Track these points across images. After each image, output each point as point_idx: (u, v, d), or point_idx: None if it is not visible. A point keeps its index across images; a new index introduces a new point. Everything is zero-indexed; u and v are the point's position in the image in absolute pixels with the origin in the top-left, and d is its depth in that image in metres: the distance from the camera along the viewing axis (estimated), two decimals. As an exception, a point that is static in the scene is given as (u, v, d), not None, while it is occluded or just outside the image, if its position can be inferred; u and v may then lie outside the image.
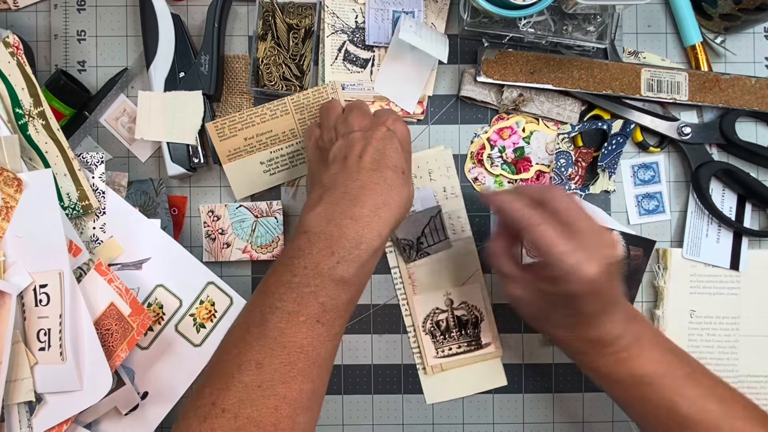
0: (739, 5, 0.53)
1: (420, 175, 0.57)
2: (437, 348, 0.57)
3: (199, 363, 0.52)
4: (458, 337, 0.57)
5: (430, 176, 0.57)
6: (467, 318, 0.57)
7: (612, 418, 0.59)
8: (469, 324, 0.57)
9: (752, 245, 0.58)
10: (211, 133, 0.56)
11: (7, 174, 0.49)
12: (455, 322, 0.57)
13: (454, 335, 0.57)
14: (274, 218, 0.57)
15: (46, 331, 0.48)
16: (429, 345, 0.57)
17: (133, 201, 0.57)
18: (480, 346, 0.57)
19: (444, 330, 0.57)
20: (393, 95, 0.57)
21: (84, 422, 0.50)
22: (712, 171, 0.56)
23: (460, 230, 0.57)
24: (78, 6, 0.58)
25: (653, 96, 0.56)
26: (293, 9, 0.57)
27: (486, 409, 0.59)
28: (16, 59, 0.51)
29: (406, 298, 0.57)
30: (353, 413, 0.59)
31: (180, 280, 0.53)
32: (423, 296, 0.57)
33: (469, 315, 0.57)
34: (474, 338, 0.57)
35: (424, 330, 0.57)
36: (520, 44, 0.57)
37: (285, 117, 0.56)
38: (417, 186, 0.57)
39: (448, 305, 0.57)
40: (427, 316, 0.57)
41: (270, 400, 0.38)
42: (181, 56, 0.55)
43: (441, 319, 0.57)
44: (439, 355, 0.57)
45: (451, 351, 0.57)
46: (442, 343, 0.57)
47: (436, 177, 0.57)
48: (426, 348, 0.57)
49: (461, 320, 0.57)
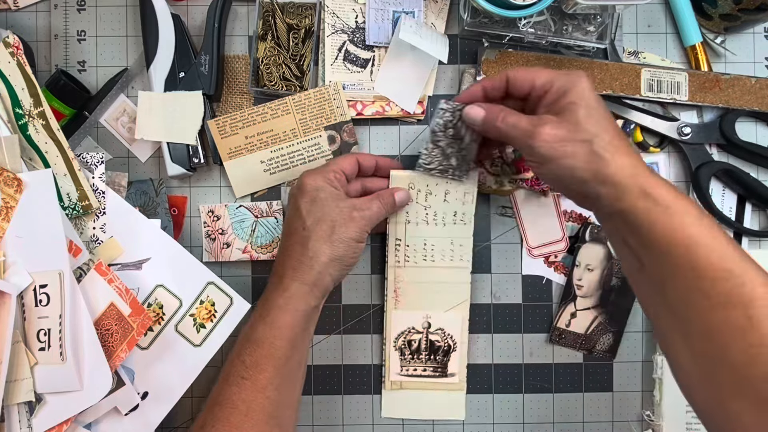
0: (739, 5, 0.53)
1: (435, 192, 0.54)
2: (402, 365, 0.57)
3: (199, 363, 0.52)
4: (426, 360, 0.57)
5: (445, 196, 0.54)
6: (440, 345, 0.57)
7: (612, 418, 0.59)
8: (440, 351, 0.57)
9: (752, 245, 0.58)
10: (213, 130, 0.56)
11: (7, 174, 0.49)
12: (427, 346, 0.57)
13: (422, 358, 0.57)
14: (274, 218, 0.57)
15: (46, 331, 0.48)
16: (395, 360, 0.57)
17: (133, 201, 0.57)
18: (445, 375, 0.57)
19: (414, 350, 0.57)
20: (393, 95, 0.57)
21: (84, 422, 0.50)
22: (712, 171, 0.56)
23: (458, 258, 0.56)
24: (78, 6, 0.58)
25: (653, 96, 0.56)
26: (293, 9, 0.57)
27: (486, 409, 0.59)
28: (16, 59, 0.51)
29: (386, 310, 0.57)
30: (353, 413, 0.59)
31: (180, 280, 0.53)
32: (403, 313, 0.57)
33: (443, 342, 0.57)
34: (441, 365, 0.57)
35: (394, 345, 0.57)
36: (520, 44, 0.57)
37: (286, 116, 0.56)
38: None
39: (424, 327, 0.57)
40: (401, 333, 0.57)
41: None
42: (181, 56, 0.55)
43: (414, 339, 0.57)
44: (402, 373, 0.57)
45: (415, 372, 0.57)
46: (408, 362, 0.57)
47: (450, 199, 0.55)
48: (391, 363, 0.57)
49: (433, 345, 0.57)
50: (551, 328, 0.58)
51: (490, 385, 0.59)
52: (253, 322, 0.49)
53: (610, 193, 0.42)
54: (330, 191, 0.50)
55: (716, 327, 0.39)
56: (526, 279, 0.59)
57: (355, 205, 0.50)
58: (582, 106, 0.43)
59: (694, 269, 0.40)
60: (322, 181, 0.50)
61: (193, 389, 0.57)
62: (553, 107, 0.44)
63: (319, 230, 0.49)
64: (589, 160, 0.42)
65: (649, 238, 0.42)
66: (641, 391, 0.59)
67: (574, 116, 0.43)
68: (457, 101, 0.50)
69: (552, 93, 0.45)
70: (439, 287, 0.56)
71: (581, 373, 0.59)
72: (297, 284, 0.49)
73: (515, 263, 0.59)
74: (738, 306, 0.38)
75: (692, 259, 0.40)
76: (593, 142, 0.42)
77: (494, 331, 0.59)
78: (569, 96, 0.43)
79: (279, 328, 0.48)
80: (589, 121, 0.43)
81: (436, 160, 0.52)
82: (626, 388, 0.59)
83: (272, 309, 0.49)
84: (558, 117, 0.44)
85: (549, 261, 0.59)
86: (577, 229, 0.58)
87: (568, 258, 0.58)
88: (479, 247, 0.58)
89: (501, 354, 0.59)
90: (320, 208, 0.49)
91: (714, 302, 0.39)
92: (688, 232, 0.40)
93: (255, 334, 0.48)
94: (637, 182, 0.41)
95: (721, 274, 0.39)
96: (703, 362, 0.41)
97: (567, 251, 0.58)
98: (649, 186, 0.41)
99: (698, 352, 0.41)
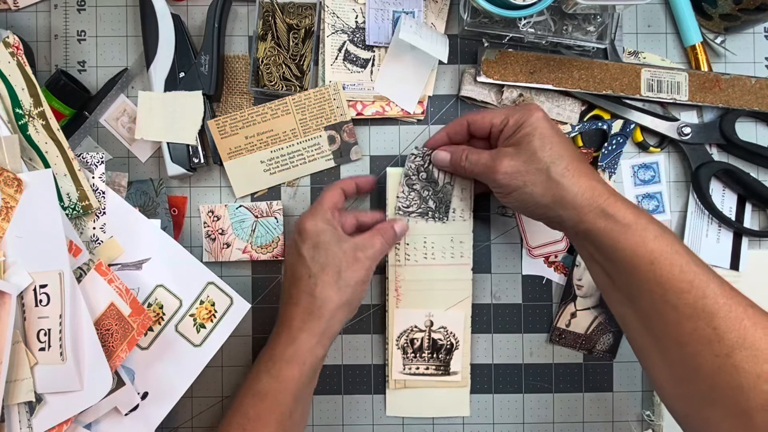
0: (739, 5, 0.53)
1: None
2: (405, 364, 0.57)
3: (199, 363, 0.52)
4: (428, 358, 0.57)
5: None
6: (443, 343, 0.57)
7: (612, 418, 0.59)
8: (443, 349, 0.57)
9: (752, 245, 0.58)
10: (213, 130, 0.56)
11: (7, 174, 0.49)
12: (429, 344, 0.57)
13: (425, 356, 0.57)
14: (274, 218, 0.57)
15: (46, 331, 0.48)
16: (398, 359, 0.57)
17: (133, 201, 0.57)
18: (447, 373, 0.57)
19: (417, 349, 0.57)
20: (393, 95, 0.57)
21: (84, 422, 0.50)
22: (712, 171, 0.56)
23: (459, 255, 0.56)
24: (78, 6, 0.58)
25: (653, 96, 0.56)
26: (293, 9, 0.57)
27: (486, 408, 0.59)
28: (16, 59, 0.51)
29: (388, 309, 0.57)
30: (353, 413, 0.59)
31: (180, 280, 0.53)
32: (405, 311, 0.56)
33: (445, 340, 0.57)
34: (444, 364, 0.57)
35: (397, 344, 0.57)
36: (520, 44, 0.57)
37: (286, 116, 0.56)
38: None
39: (427, 326, 0.57)
40: (403, 332, 0.57)
41: None
42: (181, 56, 0.55)
43: (416, 338, 0.57)
44: (405, 371, 0.57)
45: (418, 370, 0.57)
46: (411, 360, 0.57)
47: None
48: (394, 362, 0.57)
49: (436, 343, 0.57)
50: (551, 328, 0.58)
51: (491, 385, 0.59)
52: (257, 372, 0.48)
53: (572, 216, 0.45)
54: (332, 234, 0.49)
55: (686, 338, 0.41)
56: (526, 279, 0.59)
57: (358, 244, 0.49)
58: (536, 136, 0.46)
59: (659, 283, 0.42)
60: (323, 224, 0.49)
61: (193, 389, 0.57)
62: (510, 140, 0.47)
63: (325, 277, 0.48)
64: (547, 187, 0.45)
65: (614, 256, 0.44)
66: (641, 391, 0.59)
67: (530, 147, 0.46)
68: (426, 147, 0.54)
69: (509, 127, 0.48)
70: (441, 285, 0.56)
71: (581, 373, 0.59)
72: (305, 335, 0.48)
73: (515, 263, 0.59)
74: (702, 317, 0.40)
75: (657, 274, 0.42)
76: (550, 170, 0.45)
77: (494, 331, 0.59)
78: (524, 128, 0.46)
79: (284, 382, 0.47)
80: (544, 149, 0.45)
81: (414, 203, 0.55)
82: (626, 388, 0.59)
83: (278, 361, 0.48)
84: (515, 149, 0.46)
85: (549, 261, 0.59)
86: (577, 229, 0.58)
87: (568, 258, 0.58)
88: (479, 247, 0.58)
89: (501, 354, 0.59)
90: (324, 254, 0.48)
91: (681, 314, 0.41)
92: (650, 248, 0.42)
93: (259, 386, 0.48)
94: (596, 203, 0.44)
95: (685, 287, 0.41)
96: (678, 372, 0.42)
97: (567, 251, 0.58)
98: (608, 206, 0.43)
99: (673, 362, 0.42)
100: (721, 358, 0.39)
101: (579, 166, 0.45)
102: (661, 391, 0.45)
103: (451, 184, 0.54)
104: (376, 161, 0.59)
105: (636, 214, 0.43)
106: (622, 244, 0.43)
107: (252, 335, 0.59)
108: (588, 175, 0.45)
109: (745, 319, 0.40)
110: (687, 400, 0.42)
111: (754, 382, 0.38)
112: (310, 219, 0.50)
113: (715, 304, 0.40)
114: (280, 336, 0.49)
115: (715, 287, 0.41)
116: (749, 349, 0.39)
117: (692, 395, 0.42)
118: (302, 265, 0.49)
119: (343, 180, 0.54)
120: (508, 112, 0.48)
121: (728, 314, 0.40)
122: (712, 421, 0.40)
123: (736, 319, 0.40)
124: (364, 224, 0.54)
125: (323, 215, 0.50)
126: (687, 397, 0.42)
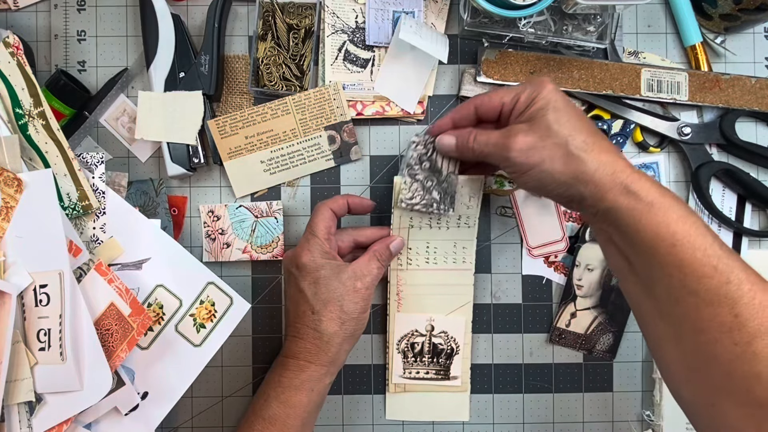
0: (739, 5, 0.53)
1: None
2: (405, 368, 0.57)
3: (199, 363, 0.52)
4: (429, 363, 0.57)
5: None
6: (443, 347, 0.57)
7: (612, 418, 0.59)
8: (443, 354, 0.57)
9: (752, 245, 0.58)
10: (213, 130, 0.56)
11: (7, 174, 0.49)
12: (430, 348, 0.57)
13: (426, 360, 0.57)
14: (274, 218, 0.57)
15: (46, 331, 0.47)
16: (398, 363, 0.57)
17: (133, 201, 0.57)
18: (448, 378, 0.57)
19: (417, 353, 0.57)
20: (393, 95, 0.57)
21: (84, 422, 0.50)
22: (712, 171, 0.56)
23: (461, 260, 0.56)
24: (78, 6, 0.58)
25: (653, 96, 0.56)
26: (293, 9, 0.57)
27: (486, 409, 0.59)
28: (16, 59, 0.51)
29: (389, 313, 0.57)
30: (353, 413, 0.59)
31: (180, 280, 0.53)
32: (406, 315, 0.56)
33: (446, 345, 0.57)
34: (444, 368, 0.57)
35: (397, 348, 0.57)
36: (520, 44, 0.57)
37: (286, 116, 0.56)
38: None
39: (428, 330, 0.57)
40: (404, 336, 0.57)
41: None
42: (181, 56, 0.55)
43: (417, 342, 0.57)
44: (405, 375, 0.57)
45: (418, 374, 0.57)
46: (411, 364, 0.57)
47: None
48: (394, 366, 0.57)
49: (437, 348, 0.57)
50: (551, 328, 0.58)
51: (491, 385, 0.59)
52: (266, 398, 0.49)
53: (593, 193, 0.42)
54: (330, 267, 0.49)
55: (705, 324, 0.39)
56: (526, 279, 0.59)
57: (357, 273, 0.49)
58: (550, 110, 0.43)
59: (680, 267, 0.40)
60: (321, 258, 0.49)
61: (193, 389, 0.57)
62: (522, 116, 0.44)
63: (328, 313, 0.48)
64: (566, 162, 0.42)
65: (634, 237, 0.41)
66: (641, 391, 0.59)
67: (543, 121, 0.43)
68: (428, 134, 0.51)
69: (520, 104, 0.45)
70: (442, 290, 0.56)
71: (581, 373, 0.59)
72: (314, 366, 0.49)
73: (515, 263, 0.59)
74: (724, 304, 0.38)
75: (678, 257, 0.40)
76: (568, 144, 0.42)
77: (494, 331, 0.59)
78: (536, 103, 0.44)
79: (293, 407, 0.48)
80: (560, 123, 0.42)
81: (418, 195, 0.51)
82: (626, 388, 0.59)
83: (287, 388, 0.49)
84: (528, 124, 0.44)
85: (549, 261, 0.59)
86: (577, 229, 0.58)
87: (568, 258, 0.58)
88: (479, 247, 0.58)
89: (501, 354, 0.59)
90: (325, 289, 0.49)
91: (701, 299, 0.39)
92: (672, 230, 0.40)
93: (268, 412, 0.48)
94: (619, 179, 0.41)
95: (707, 271, 0.39)
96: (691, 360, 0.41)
97: (567, 251, 0.58)
98: (631, 182, 0.41)
99: (687, 350, 0.41)
100: (741, 346, 0.38)
101: (597, 140, 0.43)
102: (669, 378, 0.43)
103: (454, 173, 0.52)
104: (376, 161, 0.59)
105: (661, 193, 0.41)
106: (644, 224, 0.40)
107: (252, 335, 0.59)
108: (608, 149, 0.42)
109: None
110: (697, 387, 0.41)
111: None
112: (307, 253, 0.49)
113: (738, 290, 0.38)
114: (287, 365, 0.50)
115: (739, 272, 0.39)
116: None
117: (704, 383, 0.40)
118: (304, 301, 0.49)
119: (334, 199, 0.52)
120: (519, 89, 0.45)
121: (752, 301, 0.38)
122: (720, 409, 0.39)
123: (760, 306, 0.38)
124: (361, 243, 0.54)
125: (320, 248, 0.50)
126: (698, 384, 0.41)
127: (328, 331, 0.49)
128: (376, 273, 0.50)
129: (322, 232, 0.50)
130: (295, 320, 0.50)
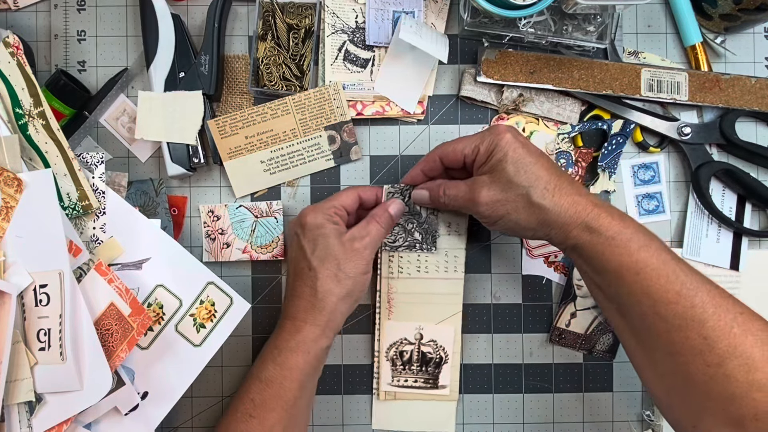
0: (739, 5, 0.53)
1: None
2: (393, 376, 0.57)
3: (199, 363, 0.52)
4: (417, 371, 0.57)
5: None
6: (432, 356, 0.57)
7: (612, 418, 0.59)
8: (431, 362, 0.57)
9: (752, 245, 0.58)
10: (213, 130, 0.56)
11: (7, 174, 0.49)
12: (419, 357, 0.57)
13: (414, 369, 0.57)
14: (273, 218, 0.57)
15: (46, 331, 0.47)
16: (386, 371, 0.57)
17: (133, 201, 0.57)
18: (436, 386, 0.57)
19: (406, 361, 0.57)
20: (393, 95, 0.57)
21: (84, 422, 0.50)
22: (712, 171, 0.56)
23: (452, 270, 0.56)
24: (78, 6, 0.58)
25: (653, 96, 0.56)
26: (293, 9, 0.57)
27: (486, 409, 0.59)
28: (16, 59, 0.51)
29: (379, 321, 0.57)
30: (352, 413, 0.59)
31: (180, 280, 0.53)
32: (395, 324, 0.56)
33: (435, 354, 0.57)
34: (432, 377, 0.57)
35: (386, 356, 0.57)
36: (520, 44, 0.57)
37: (286, 116, 0.56)
38: None
39: (417, 339, 0.57)
40: (393, 344, 0.57)
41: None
42: (181, 56, 0.55)
43: (406, 350, 0.57)
44: (394, 383, 0.57)
45: (406, 383, 0.57)
46: (400, 372, 0.57)
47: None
48: (383, 373, 0.57)
49: (425, 356, 0.57)
50: (551, 328, 0.58)
51: (490, 385, 0.59)
52: (263, 361, 0.50)
53: (558, 234, 0.45)
54: (330, 228, 0.50)
55: (677, 348, 0.41)
56: (526, 279, 0.59)
57: (355, 235, 0.50)
58: (508, 162, 0.45)
59: (646, 294, 0.42)
60: (322, 218, 0.50)
61: (193, 389, 0.57)
62: (483, 168, 0.47)
63: (325, 270, 0.49)
64: (529, 213, 0.45)
65: (601, 268, 0.44)
66: (641, 391, 0.59)
67: (505, 173, 0.45)
68: (402, 183, 0.54)
69: (481, 155, 0.47)
70: (433, 298, 0.56)
71: (581, 373, 0.59)
72: (309, 326, 0.49)
73: (515, 263, 0.59)
74: (692, 327, 0.40)
75: (643, 284, 0.42)
76: (529, 195, 0.44)
77: (494, 331, 0.59)
78: (495, 154, 0.46)
79: (289, 369, 0.48)
80: (519, 174, 0.45)
81: (401, 238, 0.55)
82: (626, 388, 0.59)
83: (283, 350, 0.49)
84: (490, 176, 0.46)
85: (549, 261, 0.59)
86: (577, 229, 0.58)
87: (568, 258, 0.58)
88: (479, 247, 0.58)
89: (501, 354, 0.59)
90: (323, 247, 0.49)
91: (670, 324, 0.41)
92: (635, 258, 0.42)
93: (265, 374, 0.49)
94: (580, 218, 0.44)
95: (671, 297, 0.41)
96: (669, 383, 0.42)
97: (567, 251, 0.58)
98: (591, 220, 0.43)
99: (665, 373, 0.42)
100: (713, 368, 0.39)
101: (558, 184, 0.45)
102: (655, 399, 0.45)
103: (434, 213, 0.55)
104: (376, 161, 0.59)
105: (621, 225, 0.43)
106: (608, 256, 0.43)
107: (252, 335, 0.59)
108: (568, 191, 0.44)
109: (734, 327, 0.39)
110: (680, 408, 0.42)
111: (746, 391, 0.38)
112: (311, 213, 0.50)
113: (704, 313, 0.40)
114: (284, 327, 0.50)
115: (703, 295, 0.40)
116: (740, 357, 0.39)
117: (685, 404, 0.42)
118: (303, 258, 0.50)
119: (365, 187, 0.54)
120: (478, 140, 0.47)
121: (717, 323, 0.40)
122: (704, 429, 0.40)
123: (726, 327, 0.39)
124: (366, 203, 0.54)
125: (325, 211, 0.50)
126: (680, 406, 0.42)
127: (324, 289, 0.49)
128: (374, 233, 0.50)
129: (337, 203, 0.51)
130: (294, 279, 0.51)
